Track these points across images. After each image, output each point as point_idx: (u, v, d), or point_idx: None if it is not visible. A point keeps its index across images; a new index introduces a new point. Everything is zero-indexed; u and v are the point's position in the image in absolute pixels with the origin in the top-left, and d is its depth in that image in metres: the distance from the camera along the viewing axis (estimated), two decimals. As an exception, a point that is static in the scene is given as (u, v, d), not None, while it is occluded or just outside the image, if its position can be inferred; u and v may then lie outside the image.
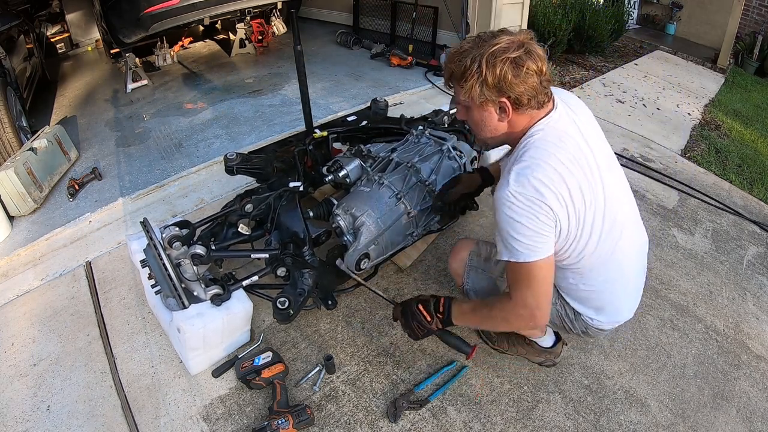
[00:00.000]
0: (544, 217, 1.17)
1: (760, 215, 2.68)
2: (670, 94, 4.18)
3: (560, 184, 1.18)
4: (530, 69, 1.16)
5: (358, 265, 1.63)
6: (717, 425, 1.57)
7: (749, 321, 1.98)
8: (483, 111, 1.24)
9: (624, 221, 1.31)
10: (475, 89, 1.19)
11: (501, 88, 1.18)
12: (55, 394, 1.60)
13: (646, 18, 6.67)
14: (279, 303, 1.54)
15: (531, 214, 1.17)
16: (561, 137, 1.23)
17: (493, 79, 1.16)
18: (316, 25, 5.36)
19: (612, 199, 1.26)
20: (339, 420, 1.51)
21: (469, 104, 1.25)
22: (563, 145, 1.22)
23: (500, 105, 1.21)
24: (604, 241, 1.26)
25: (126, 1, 3.32)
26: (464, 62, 1.19)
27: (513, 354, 1.70)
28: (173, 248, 1.56)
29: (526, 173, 1.18)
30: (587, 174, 1.22)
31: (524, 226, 1.18)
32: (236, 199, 1.92)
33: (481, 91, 1.19)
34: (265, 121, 3.28)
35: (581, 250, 1.26)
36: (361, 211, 1.66)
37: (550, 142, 1.22)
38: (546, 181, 1.17)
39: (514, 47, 1.16)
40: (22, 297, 1.98)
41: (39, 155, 2.61)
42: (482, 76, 1.17)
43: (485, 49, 1.17)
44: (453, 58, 1.23)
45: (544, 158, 1.19)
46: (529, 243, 1.18)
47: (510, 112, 1.21)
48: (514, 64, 1.15)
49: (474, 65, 1.17)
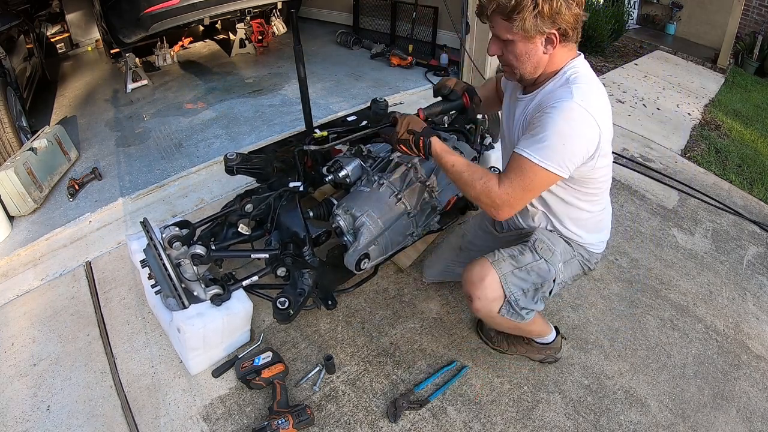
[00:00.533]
0: (591, 139, 1.21)
1: (760, 215, 2.68)
2: (670, 94, 4.18)
3: (608, 110, 1.26)
4: (577, 2, 1.20)
5: (358, 265, 1.63)
6: (717, 425, 1.57)
7: (749, 321, 1.98)
8: (529, 43, 1.25)
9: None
10: (529, 21, 1.19)
11: (554, 20, 1.20)
12: (55, 394, 1.60)
13: (646, 18, 6.67)
14: (279, 303, 1.54)
15: (583, 131, 1.20)
16: (593, 72, 1.32)
17: (550, 9, 1.18)
18: (316, 25, 5.35)
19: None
20: (339, 420, 1.51)
21: (515, 38, 1.24)
22: (597, 79, 1.31)
23: (548, 36, 1.23)
24: (611, 163, 1.37)
25: (126, 1, 3.32)
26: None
27: (513, 353, 1.70)
28: (173, 248, 1.56)
29: (588, 94, 1.22)
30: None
31: (570, 139, 1.20)
32: (236, 199, 1.91)
33: (535, 23, 1.20)
34: (265, 121, 3.27)
35: (608, 169, 1.36)
36: (361, 211, 1.66)
37: (591, 75, 1.29)
38: (602, 105, 1.24)
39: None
40: (22, 297, 1.98)
41: (39, 155, 2.61)
42: (538, 7, 1.18)
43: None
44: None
45: (596, 86, 1.27)
46: (560, 156, 1.20)
47: (557, 43, 1.24)
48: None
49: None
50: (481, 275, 1.38)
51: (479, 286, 1.37)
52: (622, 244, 2.28)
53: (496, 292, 1.38)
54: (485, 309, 1.40)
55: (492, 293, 1.38)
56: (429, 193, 1.79)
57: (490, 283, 1.37)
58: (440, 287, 1.98)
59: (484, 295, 1.38)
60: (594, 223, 1.47)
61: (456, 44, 3.82)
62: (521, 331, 1.58)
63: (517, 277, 1.39)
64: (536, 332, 1.61)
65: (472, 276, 1.40)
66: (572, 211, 1.42)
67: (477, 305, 1.39)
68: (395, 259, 1.99)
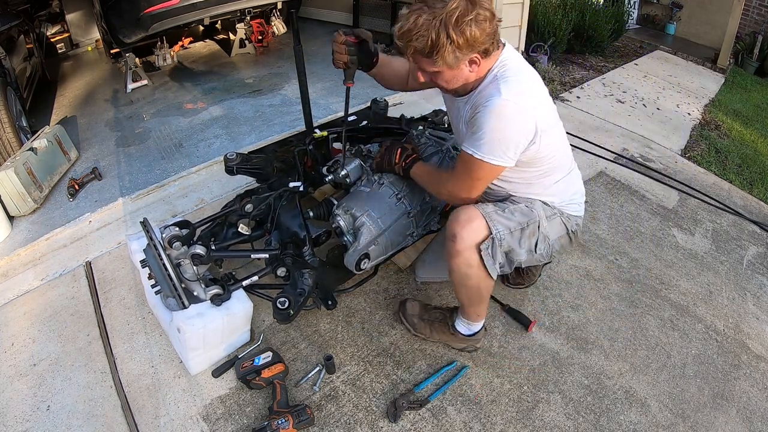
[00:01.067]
0: (527, 127, 1.31)
1: (760, 215, 2.68)
2: (670, 94, 4.18)
3: (539, 92, 1.35)
4: (487, 18, 1.24)
5: (358, 265, 1.63)
6: (717, 425, 1.57)
7: (749, 321, 1.98)
8: (455, 70, 1.32)
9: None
10: (449, 56, 1.26)
11: (473, 46, 1.25)
12: (55, 394, 1.60)
13: (646, 18, 6.67)
14: (279, 303, 1.54)
15: (517, 123, 1.30)
16: (521, 59, 1.40)
17: (465, 41, 1.23)
18: (316, 25, 5.35)
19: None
20: (339, 420, 1.51)
21: (440, 70, 1.31)
22: (526, 65, 1.40)
23: (471, 60, 1.29)
24: (561, 134, 1.49)
25: (126, 1, 3.32)
26: (428, 36, 1.23)
27: (434, 340, 1.73)
28: (173, 248, 1.56)
29: (514, 85, 1.29)
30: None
31: (505, 132, 1.30)
32: (236, 199, 1.91)
33: (455, 55, 1.26)
34: (265, 121, 3.27)
35: (557, 143, 1.45)
36: (362, 211, 1.66)
37: (519, 64, 1.37)
38: (532, 91, 1.33)
39: (466, 3, 1.21)
40: (22, 297, 1.98)
41: (39, 155, 2.61)
42: (454, 43, 1.23)
43: (444, 17, 1.21)
44: (410, 35, 1.26)
45: (524, 74, 1.35)
46: (500, 149, 1.31)
47: (480, 62, 1.31)
48: (475, 21, 1.22)
49: (442, 36, 1.22)
50: (469, 216, 1.42)
51: (466, 225, 1.41)
52: (622, 244, 2.28)
53: (481, 231, 1.42)
54: (466, 252, 1.42)
55: (477, 234, 1.41)
56: (429, 194, 1.79)
57: (477, 224, 1.42)
58: (440, 287, 1.98)
59: (468, 235, 1.41)
60: (562, 189, 1.55)
61: (456, 44, 3.82)
62: (478, 297, 1.56)
63: (501, 216, 1.45)
64: (483, 309, 1.62)
65: (459, 216, 1.43)
66: (535, 187, 1.51)
67: (459, 246, 1.41)
68: (395, 259, 1.99)
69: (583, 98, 3.79)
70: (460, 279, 1.49)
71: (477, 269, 1.44)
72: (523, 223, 1.47)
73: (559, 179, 1.53)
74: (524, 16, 3.82)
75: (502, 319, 1.85)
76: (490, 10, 1.25)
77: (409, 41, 1.27)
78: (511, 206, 1.49)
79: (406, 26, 1.26)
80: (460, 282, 1.50)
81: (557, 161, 1.48)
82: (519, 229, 1.46)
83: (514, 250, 1.46)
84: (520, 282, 1.98)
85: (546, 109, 1.37)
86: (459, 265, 1.45)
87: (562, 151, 1.50)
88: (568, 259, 2.16)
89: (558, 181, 1.53)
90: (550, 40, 4.07)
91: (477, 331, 1.68)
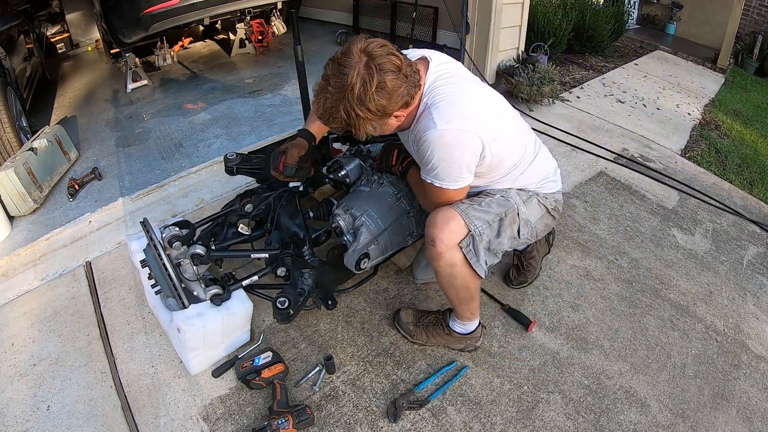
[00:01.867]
0: (473, 146, 1.31)
1: (760, 215, 2.68)
2: (670, 94, 4.18)
3: (475, 104, 1.33)
4: (391, 79, 1.21)
5: (358, 265, 1.63)
6: (717, 425, 1.57)
7: (749, 321, 1.98)
8: (384, 128, 1.32)
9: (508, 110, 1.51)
10: (368, 127, 1.26)
11: (386, 112, 1.25)
12: (55, 394, 1.60)
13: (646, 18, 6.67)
14: (279, 303, 1.54)
15: (461, 147, 1.31)
16: (449, 70, 1.38)
17: (374, 114, 1.23)
18: (316, 25, 5.35)
19: (490, 90, 1.48)
20: (339, 420, 1.52)
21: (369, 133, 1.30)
22: (455, 78, 1.37)
23: (394, 115, 1.29)
24: (515, 132, 1.49)
25: (126, 1, 3.32)
26: (340, 116, 1.23)
27: (432, 345, 1.73)
28: (173, 248, 1.56)
29: (446, 110, 1.29)
30: (478, 80, 1.45)
31: (452, 158, 1.32)
32: (236, 199, 1.92)
33: (373, 125, 1.26)
34: (265, 121, 3.28)
35: (509, 144, 1.44)
36: (361, 210, 1.66)
37: (447, 83, 1.34)
38: (466, 110, 1.31)
39: (366, 73, 1.18)
40: (22, 297, 1.98)
41: (39, 155, 2.61)
42: (365, 119, 1.23)
43: (347, 95, 1.20)
44: (326, 117, 1.27)
45: (456, 94, 1.32)
46: (453, 174, 1.35)
47: (404, 110, 1.30)
48: (380, 89, 1.20)
49: (352, 115, 1.22)
50: (445, 217, 1.41)
51: (443, 227, 1.40)
52: (622, 244, 2.28)
53: (460, 230, 1.41)
54: (447, 254, 1.41)
55: (456, 233, 1.40)
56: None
57: (455, 224, 1.41)
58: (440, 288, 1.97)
59: (447, 236, 1.40)
60: (531, 175, 1.56)
61: (456, 44, 3.82)
62: (468, 295, 1.55)
63: (478, 211, 1.45)
64: (475, 306, 1.61)
65: (436, 219, 1.42)
66: (504, 182, 1.53)
67: (440, 248, 1.40)
68: (395, 259, 1.99)
69: (583, 98, 3.79)
70: (447, 280, 1.49)
71: (461, 268, 1.44)
72: (500, 213, 1.49)
73: (525, 169, 1.54)
74: (524, 16, 3.82)
75: (502, 319, 1.86)
76: (392, 68, 1.20)
77: (328, 123, 1.28)
78: (487, 199, 1.50)
79: (320, 110, 1.26)
80: (448, 283, 1.50)
81: (517, 157, 1.50)
82: (498, 220, 1.48)
83: (496, 241, 1.48)
84: (522, 280, 1.98)
85: (487, 119, 1.36)
86: (443, 267, 1.44)
87: (520, 148, 1.50)
88: (568, 259, 2.16)
89: (524, 172, 1.54)
90: (550, 40, 4.06)
91: (473, 330, 1.68)
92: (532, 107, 3.48)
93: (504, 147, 1.41)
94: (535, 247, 1.97)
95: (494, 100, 1.46)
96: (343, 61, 1.20)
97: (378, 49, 1.20)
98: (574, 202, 2.52)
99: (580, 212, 2.46)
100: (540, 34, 4.12)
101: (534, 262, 1.98)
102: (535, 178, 1.58)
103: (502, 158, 1.43)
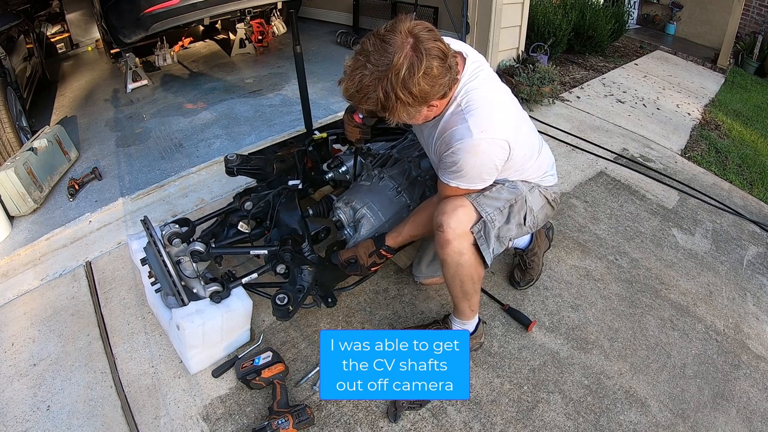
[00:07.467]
0: (501, 155, 1.34)
1: (760, 215, 2.68)
2: (670, 94, 4.19)
3: (508, 112, 1.36)
4: (437, 66, 1.16)
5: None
6: (717, 425, 1.57)
7: (749, 321, 1.98)
8: (417, 117, 1.29)
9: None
10: (402, 113, 1.21)
11: (426, 99, 1.21)
12: (55, 394, 1.60)
13: (646, 18, 6.67)
14: (278, 299, 1.54)
15: (492, 156, 1.32)
16: (481, 75, 1.35)
17: (415, 99, 1.18)
18: (316, 25, 5.35)
19: (506, 89, 1.46)
20: (339, 420, 1.51)
21: (398, 119, 1.26)
22: (486, 81, 1.35)
23: (429, 105, 1.25)
24: (528, 132, 1.52)
25: (126, 1, 3.32)
26: (376, 96, 1.16)
27: None
28: (173, 245, 1.56)
29: (483, 118, 1.28)
30: (499, 80, 1.43)
31: (483, 165, 1.34)
32: (236, 197, 1.92)
33: (408, 111, 1.21)
34: (265, 122, 3.27)
35: (528, 143, 1.49)
36: (362, 203, 1.66)
37: (483, 87, 1.33)
38: (501, 117, 1.32)
39: (414, 55, 1.14)
40: (22, 297, 1.98)
41: (39, 155, 2.61)
42: (404, 103, 1.17)
43: (390, 76, 1.14)
44: (358, 97, 1.20)
45: (491, 99, 1.32)
46: (481, 177, 1.38)
47: (439, 102, 1.28)
48: (426, 75, 1.15)
49: (391, 97, 1.15)
50: (455, 205, 1.40)
51: (452, 215, 1.38)
52: (622, 244, 2.28)
53: (470, 217, 1.39)
54: (456, 241, 1.39)
55: (465, 222, 1.39)
56: (429, 189, 1.79)
57: (465, 211, 1.39)
58: (440, 287, 1.98)
59: (456, 223, 1.37)
60: (535, 168, 1.59)
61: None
62: (471, 288, 1.54)
63: (488, 198, 1.45)
64: (475, 302, 1.60)
65: (446, 207, 1.40)
66: (510, 176, 1.55)
67: (448, 235, 1.38)
68: (395, 258, 1.99)
69: (583, 98, 3.79)
70: (453, 270, 1.47)
71: (469, 256, 1.43)
72: (510, 199, 1.50)
73: (532, 164, 1.57)
74: (524, 16, 3.82)
75: (502, 319, 1.85)
76: (439, 54, 1.16)
77: (359, 103, 1.22)
78: (496, 186, 1.50)
79: (352, 88, 1.19)
80: (454, 273, 1.48)
81: (528, 154, 1.52)
82: (508, 206, 1.49)
83: (505, 228, 1.48)
84: (529, 279, 1.97)
85: (514, 125, 1.38)
86: (450, 255, 1.42)
87: (530, 146, 1.53)
88: (568, 259, 2.16)
89: (531, 167, 1.57)
90: (550, 40, 4.07)
91: (474, 330, 1.68)
92: (532, 107, 3.48)
93: (522, 147, 1.44)
94: (537, 243, 1.97)
95: (514, 102, 1.47)
96: (389, 38, 1.14)
97: (425, 33, 1.16)
98: (574, 202, 2.52)
99: (580, 212, 2.46)
100: (540, 34, 4.12)
101: (537, 258, 1.97)
102: (539, 172, 1.61)
103: (517, 158, 1.45)
